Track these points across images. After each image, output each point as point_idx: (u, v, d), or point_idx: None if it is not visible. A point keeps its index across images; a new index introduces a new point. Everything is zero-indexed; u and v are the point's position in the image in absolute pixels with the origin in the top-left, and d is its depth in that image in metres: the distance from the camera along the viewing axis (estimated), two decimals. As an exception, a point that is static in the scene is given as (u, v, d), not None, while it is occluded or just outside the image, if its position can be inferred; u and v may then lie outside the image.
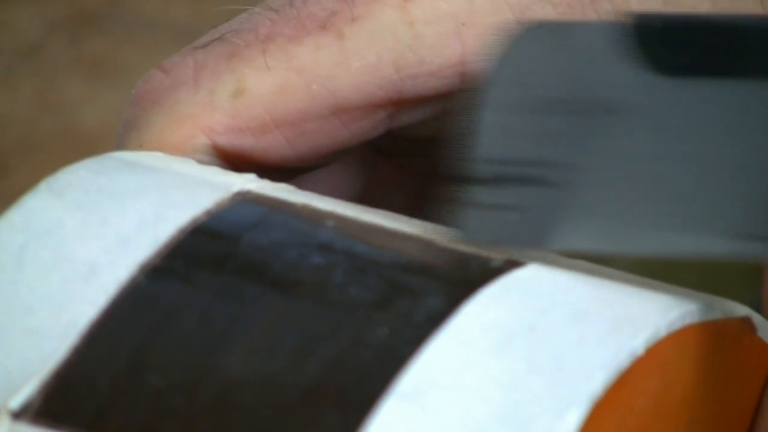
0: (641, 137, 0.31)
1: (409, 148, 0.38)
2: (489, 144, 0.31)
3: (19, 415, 0.29)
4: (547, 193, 0.31)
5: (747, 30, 0.30)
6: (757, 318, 0.31)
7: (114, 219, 0.32)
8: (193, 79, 0.35)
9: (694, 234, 0.30)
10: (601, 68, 0.31)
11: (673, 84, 0.30)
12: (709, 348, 0.29)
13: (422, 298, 0.29)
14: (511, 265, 0.30)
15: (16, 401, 0.29)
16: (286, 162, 0.35)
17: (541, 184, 0.31)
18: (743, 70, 0.30)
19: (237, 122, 0.34)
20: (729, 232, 0.30)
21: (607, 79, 0.31)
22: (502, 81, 0.31)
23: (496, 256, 0.31)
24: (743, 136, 0.30)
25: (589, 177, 0.31)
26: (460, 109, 0.32)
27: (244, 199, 0.32)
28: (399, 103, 0.34)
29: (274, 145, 0.35)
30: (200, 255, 0.31)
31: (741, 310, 0.30)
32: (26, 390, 0.29)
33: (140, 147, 0.35)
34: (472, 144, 0.31)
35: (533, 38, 0.31)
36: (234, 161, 0.35)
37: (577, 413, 0.26)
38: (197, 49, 0.35)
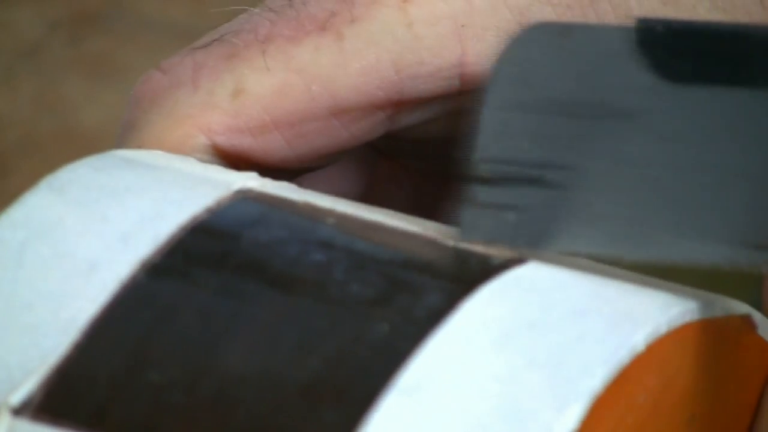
0: (642, 142, 0.31)
1: (409, 149, 0.38)
2: (489, 143, 0.31)
3: (19, 411, 0.29)
4: (547, 194, 0.31)
5: (750, 38, 0.30)
6: (757, 316, 0.31)
7: (114, 216, 0.32)
8: (192, 80, 0.35)
9: (695, 240, 0.30)
10: (603, 71, 0.31)
11: (675, 89, 0.31)
12: (709, 345, 0.29)
13: (422, 294, 0.29)
14: (511, 262, 0.30)
15: (17, 397, 0.29)
16: (286, 162, 0.35)
17: (541, 185, 0.31)
18: (746, 78, 0.30)
19: (236, 122, 0.34)
20: (731, 240, 0.30)
21: (608, 82, 0.31)
22: (503, 81, 0.31)
23: (496, 253, 0.31)
24: (746, 143, 0.30)
25: (589, 179, 0.31)
26: (463, 110, 0.32)
27: (244, 196, 0.32)
28: (398, 104, 0.34)
29: (273, 145, 0.35)
30: (200, 252, 0.31)
31: (741, 308, 0.30)
32: (26, 386, 0.29)
33: (140, 147, 0.35)
34: (473, 143, 0.31)
35: (535, 39, 0.31)
36: (233, 161, 0.35)
37: (577, 409, 0.27)
38: (196, 49, 0.35)
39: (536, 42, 0.31)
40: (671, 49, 0.31)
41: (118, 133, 0.36)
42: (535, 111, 0.31)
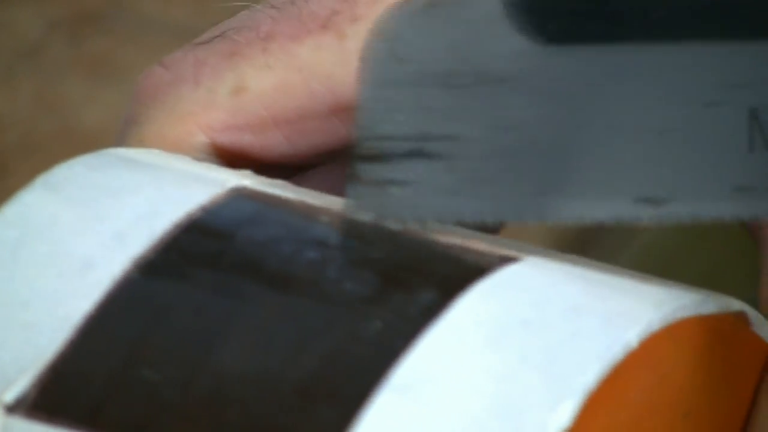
0: (519, 105, 0.31)
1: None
2: (369, 121, 0.31)
3: (13, 408, 0.29)
4: (429, 166, 0.31)
5: None
6: (751, 313, 0.31)
7: (109, 214, 0.32)
8: (194, 76, 0.35)
9: (581, 199, 0.30)
10: (474, 38, 0.31)
11: (548, 50, 0.31)
12: (703, 342, 0.29)
13: (416, 292, 0.29)
14: (505, 260, 0.30)
15: (11, 395, 0.29)
16: (285, 160, 0.35)
17: (422, 157, 0.31)
18: (617, 34, 0.30)
19: (236, 120, 0.34)
20: (618, 196, 0.30)
21: (480, 49, 0.31)
22: (376, 58, 0.32)
23: (492, 250, 0.31)
24: (622, 98, 0.30)
25: (471, 147, 0.31)
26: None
27: (239, 194, 0.32)
28: None
29: (273, 143, 0.35)
30: (195, 250, 0.31)
31: (735, 304, 0.30)
32: (21, 384, 0.29)
33: (140, 143, 0.35)
34: (356, 122, 0.31)
35: (404, 13, 0.32)
36: (233, 159, 0.35)
37: (570, 406, 0.27)
38: (198, 46, 0.35)
39: (405, 15, 0.32)
40: (539, 12, 0.31)
41: (120, 128, 0.36)
42: (410, 84, 0.31)
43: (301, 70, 0.34)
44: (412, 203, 0.31)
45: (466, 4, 0.31)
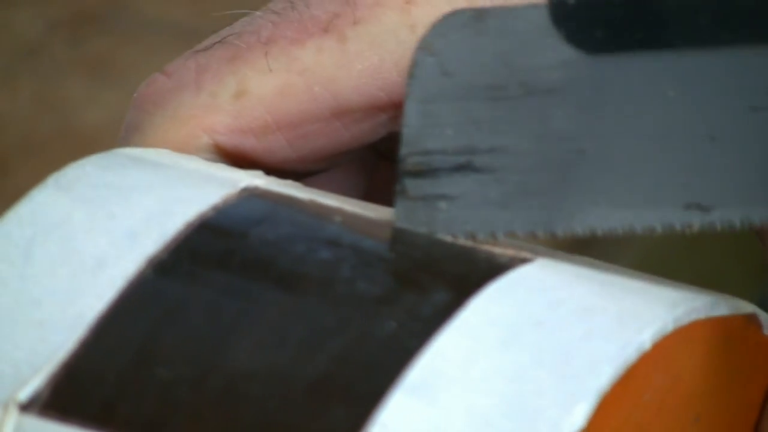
0: (565, 116, 0.31)
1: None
2: (417, 135, 0.31)
3: (27, 407, 0.29)
4: (476, 179, 0.31)
5: (659, 1, 0.31)
6: (762, 315, 0.31)
7: (121, 214, 0.32)
8: (195, 82, 0.35)
9: (630, 208, 0.30)
10: (520, 51, 0.31)
11: (593, 60, 0.31)
12: (715, 344, 0.29)
13: (429, 292, 0.29)
14: (519, 261, 0.30)
15: (24, 393, 0.29)
16: (287, 163, 0.35)
17: (469, 170, 0.31)
18: (661, 41, 0.30)
19: (239, 123, 0.34)
20: (666, 203, 0.30)
21: (526, 61, 0.31)
22: (422, 72, 0.32)
23: (504, 251, 0.31)
24: (671, 105, 0.30)
25: (518, 159, 0.31)
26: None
27: (251, 194, 0.32)
28: (400, 106, 0.35)
29: (275, 146, 0.35)
30: (207, 250, 0.31)
31: (747, 307, 0.30)
32: (34, 382, 0.29)
33: (145, 143, 0.35)
34: (402, 137, 0.31)
35: (451, 27, 0.32)
36: (236, 162, 0.35)
37: (584, 407, 0.27)
38: (199, 52, 0.35)
39: (452, 29, 0.32)
40: (584, 21, 0.31)
41: (121, 135, 0.36)
42: (457, 98, 0.31)
43: (302, 74, 0.34)
44: (462, 218, 0.31)
45: (512, 16, 0.31)
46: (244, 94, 0.34)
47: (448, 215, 0.31)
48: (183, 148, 0.35)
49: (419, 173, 0.31)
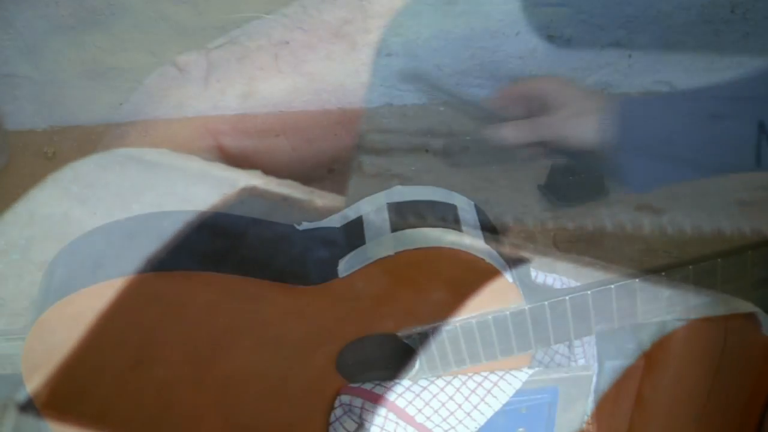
0: None
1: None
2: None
3: (25, 407, 0.29)
4: None
5: None
6: (762, 315, 0.31)
7: (119, 213, 0.32)
8: (205, 79, 0.35)
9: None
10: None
11: None
12: (714, 343, 0.29)
13: (426, 291, 0.29)
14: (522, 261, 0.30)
15: (23, 394, 0.29)
16: (289, 167, 0.35)
17: None
18: None
19: (244, 123, 0.35)
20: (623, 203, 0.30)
21: None
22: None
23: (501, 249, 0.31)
24: None
25: None
26: None
27: (249, 194, 0.32)
28: None
29: (278, 149, 0.35)
30: (206, 249, 0.31)
31: (746, 307, 0.30)
32: (33, 382, 0.29)
33: (148, 143, 0.35)
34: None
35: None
36: (236, 163, 0.35)
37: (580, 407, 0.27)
38: (211, 49, 0.36)
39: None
40: None
41: (124, 128, 0.36)
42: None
43: (310, 77, 0.34)
44: None
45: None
46: (252, 95, 0.35)
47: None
48: (186, 145, 0.35)
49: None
